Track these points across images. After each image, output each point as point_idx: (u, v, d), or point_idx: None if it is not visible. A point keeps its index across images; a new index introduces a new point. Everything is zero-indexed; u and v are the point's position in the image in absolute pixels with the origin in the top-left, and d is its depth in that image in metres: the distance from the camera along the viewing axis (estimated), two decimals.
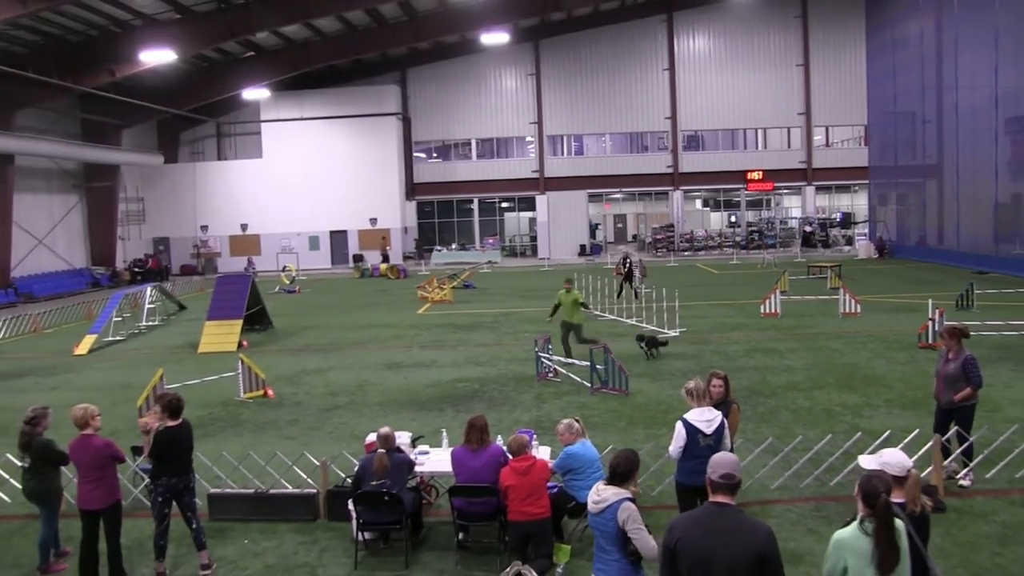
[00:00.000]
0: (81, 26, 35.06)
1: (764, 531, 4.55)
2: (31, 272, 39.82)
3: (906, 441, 9.61)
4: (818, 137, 53.25)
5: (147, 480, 8.97)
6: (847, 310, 22.72)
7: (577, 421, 8.35)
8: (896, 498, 5.00)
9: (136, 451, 9.79)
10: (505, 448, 8.07)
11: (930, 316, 18.02)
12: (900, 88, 42.53)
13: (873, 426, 11.61)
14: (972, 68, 34.27)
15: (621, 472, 5.69)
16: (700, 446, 7.32)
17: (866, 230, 49.83)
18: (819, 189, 53.54)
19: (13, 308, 33.79)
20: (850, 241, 51.54)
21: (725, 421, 7.63)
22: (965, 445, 9.39)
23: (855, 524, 4.58)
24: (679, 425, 7.50)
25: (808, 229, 51.46)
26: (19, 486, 8.70)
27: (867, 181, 48.98)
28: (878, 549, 4.48)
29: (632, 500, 5.59)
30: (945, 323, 10.04)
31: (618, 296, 27.41)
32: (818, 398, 13.74)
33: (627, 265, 28.42)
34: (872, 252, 44.60)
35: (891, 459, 5.31)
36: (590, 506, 5.73)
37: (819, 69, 51.67)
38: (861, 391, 14.03)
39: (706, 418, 7.47)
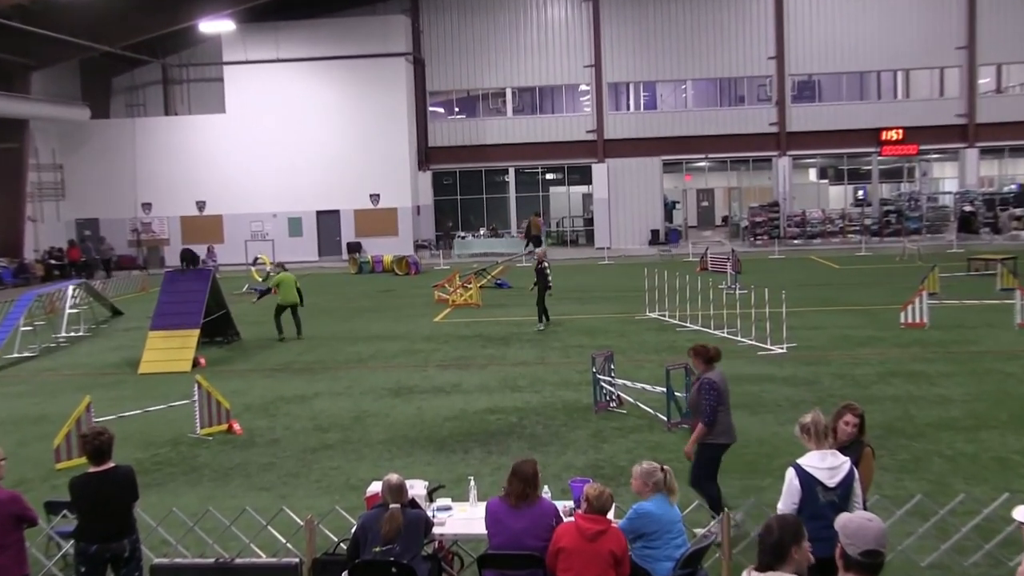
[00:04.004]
0: None
1: None
2: None
3: None
4: (985, 80, 52.41)
5: (66, 547, 9.03)
6: None
7: (663, 470, 8.33)
8: None
9: (52, 508, 9.84)
10: (581, 498, 7.91)
11: None
12: None
13: None
14: None
15: (776, 545, 5.10)
16: (820, 503, 7.29)
17: None
18: (984, 152, 52.90)
19: None
20: None
21: (855, 470, 7.58)
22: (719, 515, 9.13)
23: None
24: (791, 474, 7.47)
25: (968, 209, 50.72)
26: None
27: None
28: None
29: None
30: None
31: (544, 316, 26.04)
32: (986, 442, 13.57)
33: (541, 267, 26.31)
34: None
35: None
36: None
37: None
38: None
39: (829, 465, 7.43)
